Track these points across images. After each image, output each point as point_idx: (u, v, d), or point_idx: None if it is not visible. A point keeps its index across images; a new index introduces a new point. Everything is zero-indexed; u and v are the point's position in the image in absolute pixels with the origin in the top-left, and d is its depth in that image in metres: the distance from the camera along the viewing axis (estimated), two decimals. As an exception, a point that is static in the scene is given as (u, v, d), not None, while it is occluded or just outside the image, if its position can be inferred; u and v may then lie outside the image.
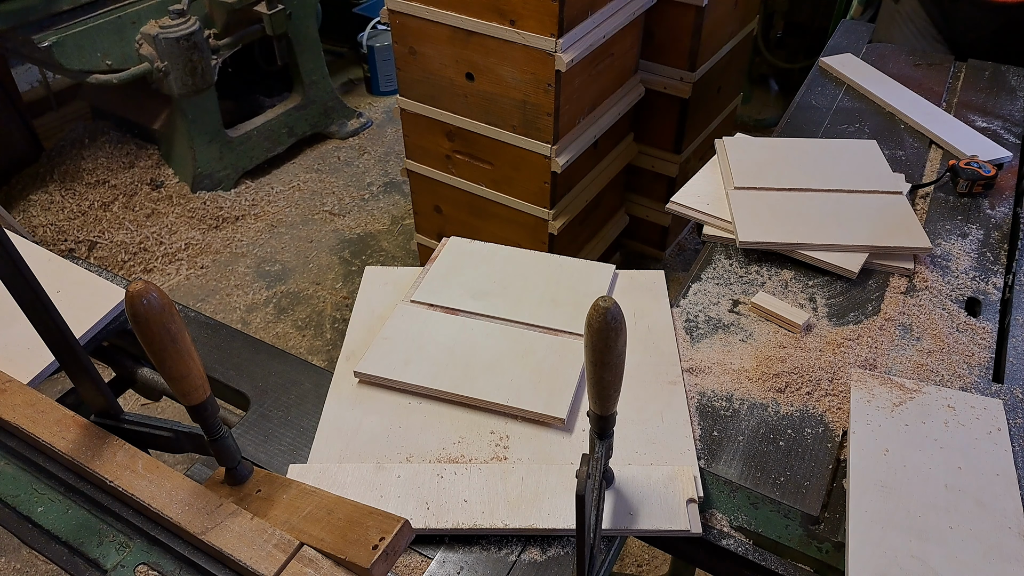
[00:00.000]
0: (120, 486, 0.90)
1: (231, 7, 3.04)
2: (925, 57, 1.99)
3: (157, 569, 0.87)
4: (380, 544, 0.80)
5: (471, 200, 2.47)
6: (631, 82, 2.48)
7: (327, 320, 2.85)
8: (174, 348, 0.75)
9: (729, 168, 1.48)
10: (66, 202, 3.21)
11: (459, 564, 0.90)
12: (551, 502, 0.93)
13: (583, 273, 1.29)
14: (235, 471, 0.91)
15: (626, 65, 2.41)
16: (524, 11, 1.95)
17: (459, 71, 2.17)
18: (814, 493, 0.97)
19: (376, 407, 1.08)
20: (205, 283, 3.01)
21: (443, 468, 0.98)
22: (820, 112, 1.77)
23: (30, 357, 1.12)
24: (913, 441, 0.99)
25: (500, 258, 1.32)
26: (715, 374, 1.14)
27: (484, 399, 1.06)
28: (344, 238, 3.22)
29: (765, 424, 1.06)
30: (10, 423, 0.98)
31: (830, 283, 1.29)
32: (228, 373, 1.16)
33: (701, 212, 1.42)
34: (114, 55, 2.93)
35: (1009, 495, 0.92)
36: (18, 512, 0.95)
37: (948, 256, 1.35)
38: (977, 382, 1.11)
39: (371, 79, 4.14)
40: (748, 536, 0.94)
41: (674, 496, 0.93)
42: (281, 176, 3.57)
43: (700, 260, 1.36)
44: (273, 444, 1.05)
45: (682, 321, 1.23)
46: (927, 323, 1.21)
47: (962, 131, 1.65)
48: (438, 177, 2.48)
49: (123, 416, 0.99)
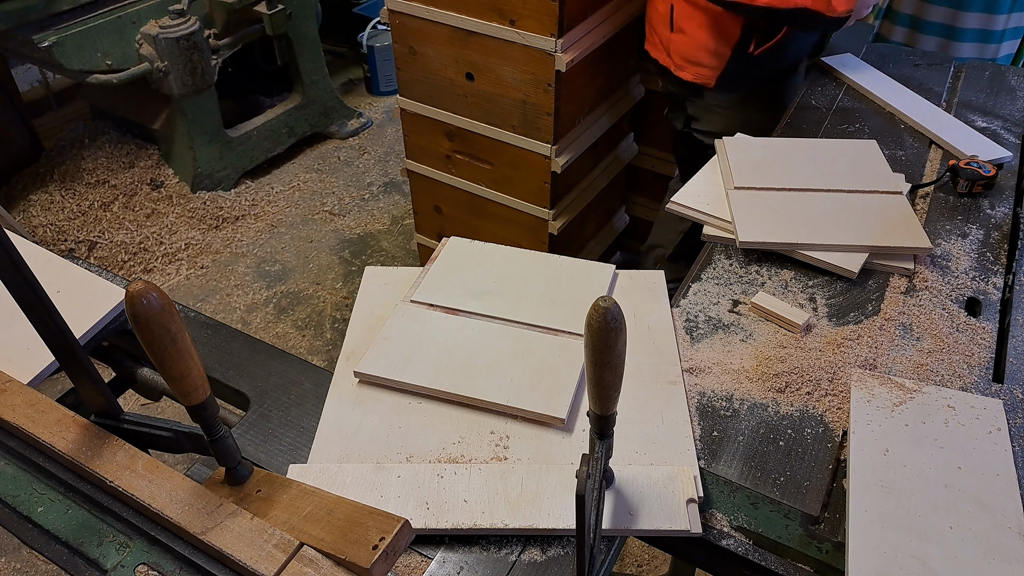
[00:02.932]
0: (120, 486, 0.90)
1: (231, 7, 3.03)
2: (925, 57, 1.99)
3: (157, 569, 0.87)
4: (380, 544, 0.80)
5: (471, 200, 2.47)
6: (631, 82, 2.48)
7: (327, 320, 2.85)
8: (174, 348, 0.75)
9: (729, 168, 1.48)
10: (66, 202, 3.21)
11: (459, 564, 0.90)
12: (551, 502, 0.93)
13: (583, 273, 1.29)
14: (235, 471, 0.91)
15: (626, 65, 2.41)
16: (524, 11, 1.95)
17: (459, 71, 2.17)
18: (814, 493, 0.97)
19: (376, 407, 1.08)
20: (205, 283, 3.01)
21: (443, 468, 0.98)
22: (820, 112, 1.77)
23: (30, 357, 1.12)
24: (913, 441, 0.99)
25: (500, 258, 1.32)
26: (715, 374, 1.14)
27: (484, 399, 1.06)
28: (344, 238, 3.22)
29: (765, 424, 1.06)
30: (10, 423, 0.98)
31: (830, 283, 1.29)
32: (228, 373, 1.16)
33: (701, 212, 1.41)
34: (114, 55, 2.93)
35: (1009, 495, 0.92)
36: (18, 512, 0.95)
37: (948, 256, 1.35)
38: (977, 382, 1.11)
39: (371, 79, 4.14)
40: (748, 536, 0.94)
41: (674, 496, 0.93)
42: (281, 176, 3.58)
43: (700, 260, 1.36)
44: (273, 444, 1.05)
45: (682, 321, 1.23)
46: (927, 323, 1.21)
47: (962, 131, 1.65)
48: (438, 177, 2.48)
49: (123, 416, 0.99)
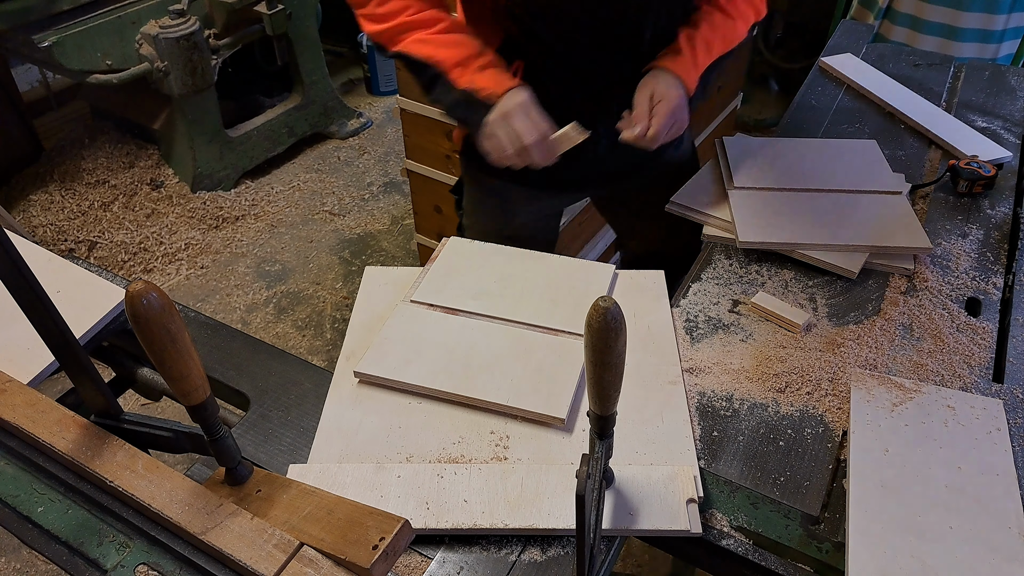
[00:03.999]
0: (120, 486, 0.90)
1: (231, 7, 3.03)
2: (925, 57, 1.99)
3: (157, 569, 0.87)
4: (380, 544, 0.80)
5: (471, 200, 2.46)
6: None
7: (327, 320, 2.85)
8: (174, 348, 0.75)
9: (729, 168, 1.48)
10: (66, 202, 3.21)
11: (459, 564, 0.90)
12: (551, 502, 0.93)
13: (583, 273, 1.29)
14: (235, 471, 0.91)
15: (626, 65, 2.40)
16: (524, 11, 1.95)
17: (459, 71, 2.17)
18: (814, 493, 0.97)
19: (376, 407, 1.08)
20: (205, 283, 3.01)
21: (443, 468, 0.98)
22: (820, 112, 1.77)
23: (30, 357, 1.12)
24: (913, 441, 0.99)
25: (500, 258, 1.32)
26: (715, 374, 1.14)
27: (484, 399, 1.06)
28: (344, 238, 3.22)
29: (765, 424, 1.06)
30: (10, 423, 0.98)
31: (830, 283, 1.29)
32: (228, 373, 1.16)
33: (701, 212, 1.42)
34: (114, 55, 2.93)
35: (1009, 495, 0.92)
36: (18, 512, 0.94)
37: (948, 256, 1.35)
38: (977, 382, 1.11)
39: (371, 79, 4.14)
40: (748, 536, 0.94)
41: (674, 496, 0.93)
42: (281, 176, 3.57)
43: (700, 260, 1.36)
44: (273, 444, 1.05)
45: (682, 321, 1.23)
46: (927, 323, 1.21)
47: (962, 131, 1.65)
48: (438, 177, 2.48)
49: (123, 416, 0.99)
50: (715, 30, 1.28)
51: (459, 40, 1.22)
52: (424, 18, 1.22)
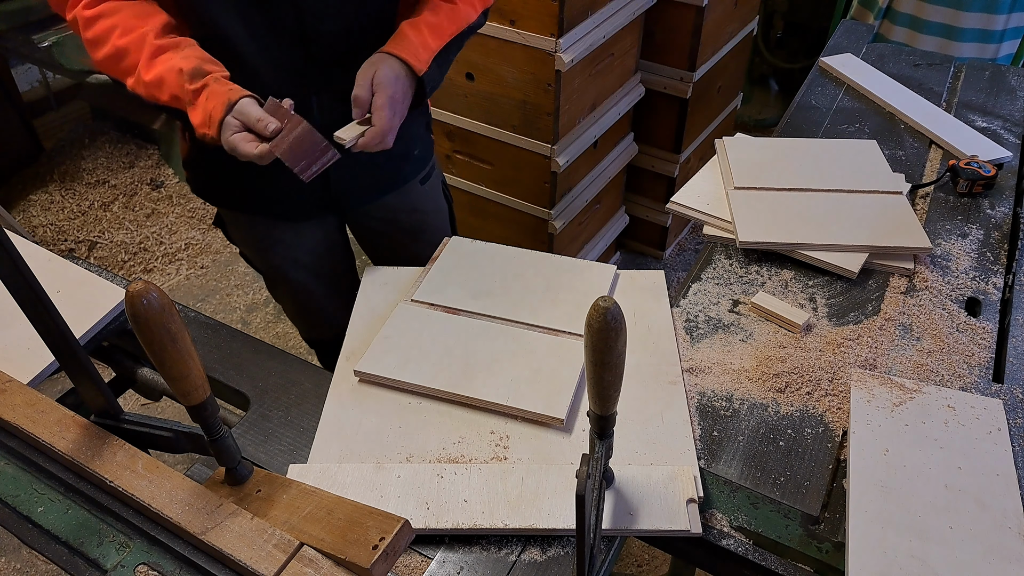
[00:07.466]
0: (120, 486, 0.90)
1: (231, 7, 3.03)
2: (925, 57, 1.99)
3: (157, 569, 0.87)
4: (380, 544, 0.80)
5: (471, 200, 2.47)
6: (631, 82, 2.48)
7: (327, 320, 2.84)
8: (174, 348, 0.75)
9: (729, 168, 1.48)
10: (66, 202, 3.22)
11: (459, 564, 0.90)
12: (551, 502, 0.93)
13: (583, 273, 1.29)
14: (235, 471, 0.91)
15: (626, 65, 2.41)
16: (524, 11, 1.95)
17: (459, 71, 2.17)
18: (814, 493, 0.97)
19: (376, 407, 1.08)
20: (205, 283, 3.01)
21: (443, 468, 0.98)
22: (820, 112, 1.77)
23: (30, 357, 1.12)
24: (913, 441, 0.99)
25: (500, 258, 1.32)
26: (715, 374, 1.14)
27: (484, 399, 1.06)
28: (344, 238, 3.22)
29: (765, 424, 1.06)
30: (10, 423, 0.98)
31: (830, 283, 1.29)
32: (228, 373, 1.16)
33: (701, 212, 1.42)
34: (114, 55, 2.93)
35: (1009, 495, 0.92)
36: (18, 512, 0.94)
37: (948, 256, 1.35)
38: (977, 382, 1.11)
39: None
40: (748, 536, 0.94)
41: (674, 496, 0.93)
42: (281, 176, 3.57)
43: (700, 260, 1.36)
44: (273, 444, 1.05)
45: (682, 321, 1.23)
46: (927, 323, 1.21)
47: (962, 131, 1.65)
48: (438, 177, 2.48)
49: (123, 416, 0.99)
50: (438, 14, 1.26)
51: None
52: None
